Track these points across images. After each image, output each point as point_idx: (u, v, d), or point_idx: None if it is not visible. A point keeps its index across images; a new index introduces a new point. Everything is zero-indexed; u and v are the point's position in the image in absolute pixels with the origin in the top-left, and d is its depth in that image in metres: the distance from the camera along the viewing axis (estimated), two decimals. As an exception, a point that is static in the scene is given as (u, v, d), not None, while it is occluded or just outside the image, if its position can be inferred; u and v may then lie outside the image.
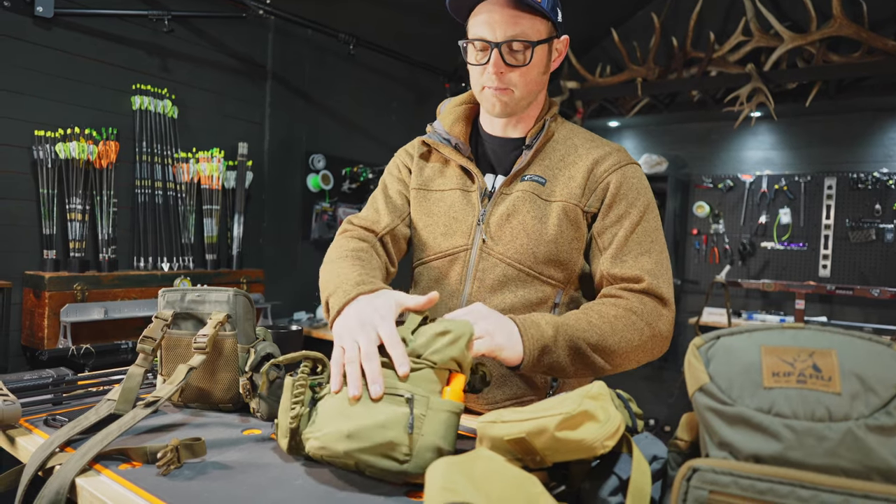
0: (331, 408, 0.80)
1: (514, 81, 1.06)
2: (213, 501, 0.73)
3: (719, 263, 4.35)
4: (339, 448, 0.77)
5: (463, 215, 1.14)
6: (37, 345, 2.35)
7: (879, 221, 3.82)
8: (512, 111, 1.10)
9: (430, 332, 0.82)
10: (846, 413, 0.52)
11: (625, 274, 1.05)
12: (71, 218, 2.53)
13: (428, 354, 0.80)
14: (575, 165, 1.11)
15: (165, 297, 1.13)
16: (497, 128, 1.17)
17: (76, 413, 1.01)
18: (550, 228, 1.07)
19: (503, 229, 1.10)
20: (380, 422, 0.76)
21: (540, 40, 1.04)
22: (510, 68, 1.05)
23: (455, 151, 1.16)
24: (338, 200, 3.75)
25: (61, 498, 0.78)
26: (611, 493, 0.66)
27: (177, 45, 2.92)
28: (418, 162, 1.22)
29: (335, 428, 0.77)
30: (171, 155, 2.89)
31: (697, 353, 0.61)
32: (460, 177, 1.17)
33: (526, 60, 1.04)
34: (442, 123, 1.19)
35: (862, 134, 3.94)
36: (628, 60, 4.21)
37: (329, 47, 3.55)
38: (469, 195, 1.15)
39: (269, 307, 3.14)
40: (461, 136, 1.17)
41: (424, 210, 1.19)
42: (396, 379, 0.79)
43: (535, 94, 1.11)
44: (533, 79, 1.08)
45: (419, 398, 0.78)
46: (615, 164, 1.10)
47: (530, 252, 1.08)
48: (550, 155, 1.13)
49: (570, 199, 1.09)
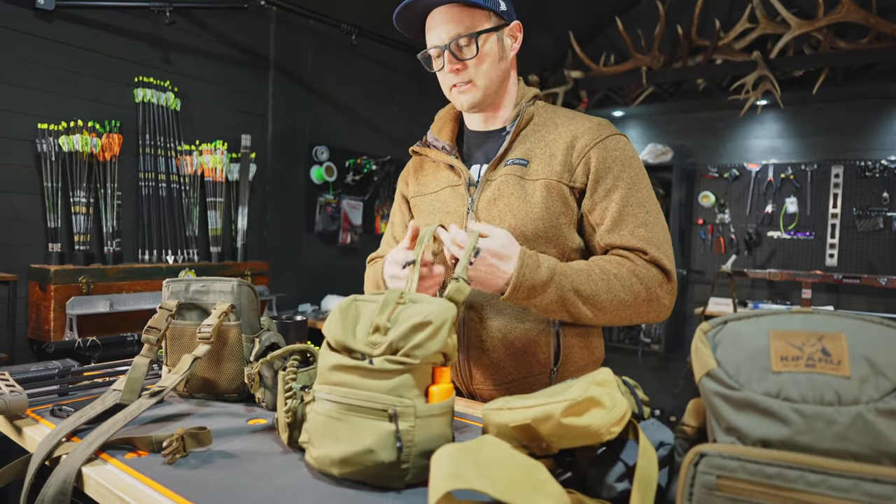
0: (318, 423, 0.77)
1: (471, 74, 1.11)
2: (217, 489, 0.73)
3: (725, 253, 4.33)
4: (335, 472, 0.76)
5: (454, 207, 1.17)
6: (43, 338, 2.37)
7: (887, 210, 3.79)
8: (480, 102, 1.14)
9: (407, 322, 0.75)
10: (856, 397, 0.51)
11: (626, 243, 1.06)
12: (75, 211, 2.53)
13: (408, 349, 0.74)
14: (554, 143, 1.12)
15: (170, 287, 1.13)
16: (478, 123, 1.21)
17: (82, 403, 1.01)
18: (535, 206, 1.09)
19: (491, 213, 1.12)
20: (367, 446, 0.72)
21: (482, 30, 1.09)
22: (463, 63, 1.10)
23: (442, 153, 1.21)
24: (341, 192, 3.74)
25: (68, 487, 0.79)
26: (617, 480, 0.66)
27: (178, 36, 2.91)
28: (414, 175, 1.29)
29: (325, 452, 0.75)
30: (175, 147, 2.89)
31: (704, 339, 0.60)
32: (449, 175, 1.21)
33: (474, 53, 1.09)
34: (432, 131, 1.26)
35: (870, 121, 3.90)
36: (632, 49, 4.17)
37: (331, 38, 3.53)
38: (457, 189, 1.18)
39: (273, 299, 3.15)
40: (447, 137, 1.23)
41: (421, 212, 1.24)
42: (378, 389, 0.74)
43: (497, 82, 1.14)
44: (490, 66, 1.11)
45: (404, 409, 0.73)
46: (595, 138, 1.10)
47: (519, 231, 1.09)
48: (531, 137, 1.15)
49: (550, 177, 1.10)
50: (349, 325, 0.79)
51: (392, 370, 0.74)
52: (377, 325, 0.77)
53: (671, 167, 4.29)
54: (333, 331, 0.79)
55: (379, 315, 0.78)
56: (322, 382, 0.79)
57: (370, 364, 0.74)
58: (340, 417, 0.75)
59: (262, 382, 1.03)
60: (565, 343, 1.11)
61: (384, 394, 0.73)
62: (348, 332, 0.79)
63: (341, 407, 0.75)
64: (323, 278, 3.62)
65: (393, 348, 0.75)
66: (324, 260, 3.67)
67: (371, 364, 0.74)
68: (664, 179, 4.40)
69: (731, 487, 0.53)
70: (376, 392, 0.74)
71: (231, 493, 0.72)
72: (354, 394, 0.74)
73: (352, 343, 0.78)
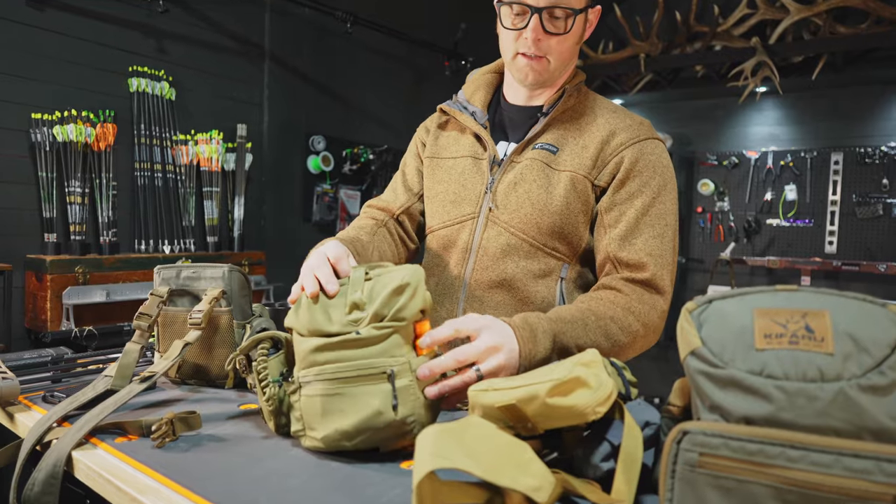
0: (314, 405, 0.77)
1: (550, 49, 1.03)
2: (207, 471, 0.74)
3: (724, 241, 4.32)
4: (347, 446, 0.76)
5: (472, 183, 1.12)
6: (40, 327, 2.37)
7: (887, 196, 3.78)
8: (544, 81, 1.08)
9: (384, 291, 0.78)
10: (838, 373, 0.51)
11: (630, 259, 1.00)
12: (71, 201, 2.53)
13: (394, 314, 0.77)
14: (590, 135, 1.06)
15: (161, 274, 1.13)
16: (520, 97, 1.14)
17: (74, 390, 1.01)
18: (556, 199, 1.04)
19: (509, 198, 1.07)
20: (376, 408, 0.75)
21: (581, 8, 1.01)
22: (549, 36, 1.01)
23: (471, 119, 1.14)
24: (339, 182, 3.73)
25: (58, 471, 0.79)
26: (602, 459, 0.66)
27: (172, 25, 2.89)
28: (434, 132, 1.22)
29: (333, 429, 0.76)
30: (170, 137, 2.88)
31: (690, 318, 0.60)
32: (473, 144, 1.15)
33: (566, 28, 1.01)
34: (464, 92, 1.18)
35: (869, 107, 3.88)
36: (631, 36, 4.14)
37: (327, 26, 3.51)
38: (479, 163, 1.13)
39: (271, 289, 3.15)
40: (480, 104, 1.16)
41: (436, 178, 1.18)
42: (370, 356, 0.76)
43: (567, 64, 1.08)
44: (569, 48, 1.05)
45: (400, 368, 0.76)
46: (633, 137, 1.05)
47: (534, 222, 1.05)
48: (567, 124, 1.08)
49: (578, 170, 1.04)
50: (318, 312, 0.80)
51: (379, 335, 0.76)
52: (354, 303, 0.79)
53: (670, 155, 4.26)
54: (305, 322, 0.80)
55: (352, 293, 0.80)
56: (305, 367, 0.79)
57: (357, 335, 0.76)
58: (339, 392, 0.76)
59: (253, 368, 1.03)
60: None
61: (377, 357, 0.76)
62: (321, 320, 0.79)
63: (337, 382, 0.76)
64: (321, 268, 3.61)
65: (378, 317, 0.77)
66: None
67: (358, 335, 0.76)
68: (663, 167, 4.38)
69: (713, 464, 0.53)
70: (370, 358, 0.76)
71: (221, 474, 0.73)
72: (347, 366, 0.76)
73: (328, 328, 0.78)
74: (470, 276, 1.11)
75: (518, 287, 1.07)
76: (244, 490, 0.69)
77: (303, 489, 0.69)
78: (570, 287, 1.09)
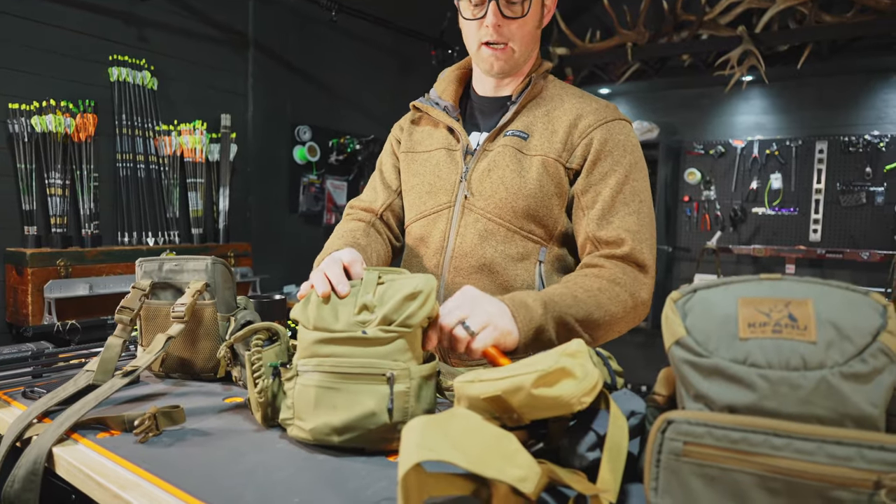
0: (308, 395, 0.78)
1: (512, 35, 1.05)
2: (191, 466, 0.73)
3: (710, 230, 4.34)
4: (334, 440, 0.76)
5: (447, 173, 1.14)
6: (21, 322, 2.34)
7: (870, 184, 3.81)
8: (509, 70, 1.10)
9: (396, 296, 0.79)
10: (821, 361, 0.51)
11: (609, 237, 1.03)
12: (51, 193, 2.48)
13: (403, 320, 0.78)
14: (558, 120, 1.09)
15: (143, 266, 1.11)
16: (488, 88, 1.17)
17: (55, 385, 1.00)
18: (530, 183, 1.06)
19: (484, 184, 1.09)
20: (370, 409, 0.75)
21: None
22: (508, 21, 1.03)
23: (443, 113, 1.17)
24: (325, 172, 3.70)
25: (38, 467, 0.78)
26: (588, 449, 0.66)
27: (153, 13, 2.83)
28: (409, 128, 1.25)
29: (323, 422, 0.76)
30: (153, 128, 2.83)
31: (674, 307, 0.60)
32: (447, 137, 1.17)
33: (524, 12, 1.03)
34: (436, 90, 1.21)
35: (854, 96, 3.90)
36: (618, 25, 4.13)
37: (312, 15, 3.46)
38: (453, 154, 1.15)
39: (257, 281, 3.12)
40: (451, 98, 1.18)
41: (412, 172, 1.20)
42: (373, 356, 0.77)
43: (530, 50, 1.10)
44: (529, 33, 1.07)
45: (400, 372, 0.76)
46: (600, 119, 1.07)
47: (509, 206, 1.07)
48: (535, 110, 1.11)
49: (549, 154, 1.07)
50: (326, 309, 0.80)
51: (385, 338, 0.77)
52: (364, 304, 0.80)
53: (657, 144, 4.28)
54: (312, 317, 0.80)
55: (363, 295, 0.81)
56: (306, 356, 0.80)
57: (363, 334, 0.77)
58: (335, 386, 0.76)
59: (239, 361, 1.02)
60: None
61: (379, 359, 0.76)
62: (328, 317, 0.79)
63: (335, 376, 0.77)
64: (308, 259, 3.54)
65: (387, 320, 0.78)
66: (308, 241, 3.64)
67: (364, 334, 0.77)
68: (650, 157, 4.38)
69: (697, 453, 0.53)
70: (372, 358, 0.76)
71: (205, 469, 0.72)
72: (349, 362, 0.76)
73: (333, 326, 0.79)
74: (449, 264, 1.12)
75: (498, 271, 1.09)
76: (229, 484, 0.68)
77: (289, 482, 0.69)
78: (549, 270, 1.11)
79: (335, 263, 0.87)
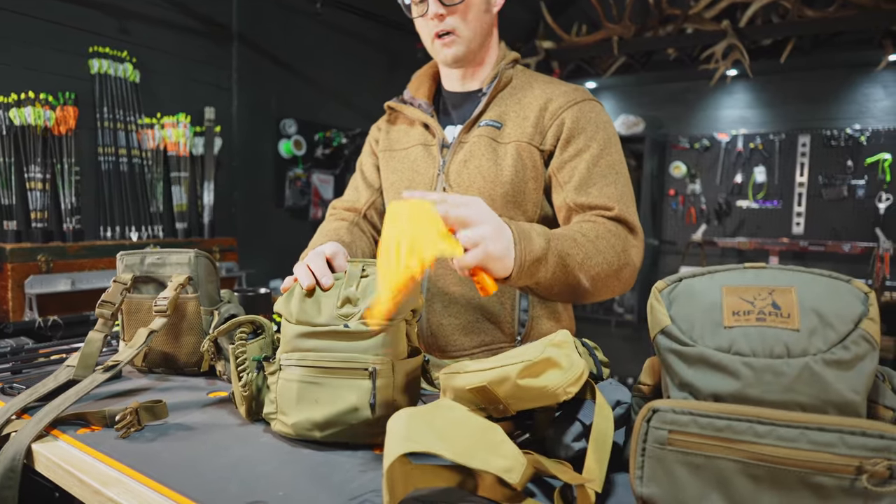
0: (290, 390, 0.77)
1: (455, 24, 1.06)
2: (175, 461, 0.72)
3: (696, 223, 4.38)
4: (316, 436, 0.76)
5: (424, 168, 1.15)
6: (1, 318, 2.30)
7: (851, 178, 3.87)
8: (464, 56, 1.10)
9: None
10: (804, 349, 0.51)
11: (592, 202, 1.01)
12: (31, 187, 2.43)
13: None
14: (528, 106, 1.10)
15: (124, 260, 1.09)
16: (456, 83, 1.18)
17: (34, 381, 0.98)
18: (506, 170, 1.07)
19: (461, 175, 1.10)
20: (352, 404, 0.75)
21: None
22: (449, 9, 1.05)
23: (417, 110, 1.19)
24: (311, 166, 3.67)
25: (17, 464, 0.76)
26: (574, 439, 0.66)
27: (135, 5, 2.78)
28: (385, 128, 1.27)
29: (305, 417, 0.76)
30: (135, 121, 2.79)
31: (659, 296, 0.60)
32: (423, 133, 1.19)
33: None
34: (409, 89, 1.23)
35: (835, 90, 3.95)
36: (604, 19, 4.13)
37: (297, 6, 3.42)
38: (430, 149, 1.16)
39: (243, 275, 3.10)
40: (425, 96, 1.20)
41: (390, 169, 1.21)
42: (355, 350, 0.76)
43: (482, 35, 1.10)
44: (475, 17, 1.07)
45: (382, 367, 0.75)
46: (570, 101, 1.08)
47: (488, 195, 1.07)
48: (507, 100, 1.12)
49: (521, 139, 1.07)
50: (309, 302, 0.80)
51: (368, 331, 0.76)
52: (347, 297, 0.79)
53: (643, 138, 4.30)
54: (295, 311, 0.80)
55: (346, 288, 0.80)
56: (289, 350, 0.79)
57: (346, 328, 0.76)
58: (317, 381, 0.76)
59: (223, 355, 1.01)
60: (532, 314, 1.11)
61: (361, 353, 0.76)
62: (311, 311, 0.79)
63: (316, 371, 0.76)
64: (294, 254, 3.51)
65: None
66: (295, 235, 3.61)
67: (347, 328, 0.76)
68: (636, 150, 4.41)
69: (682, 441, 0.53)
70: (354, 353, 0.76)
71: (189, 463, 0.71)
72: (330, 356, 0.76)
73: (316, 319, 0.78)
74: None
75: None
76: (213, 478, 0.67)
77: (273, 475, 0.68)
78: None
79: (318, 256, 0.87)
